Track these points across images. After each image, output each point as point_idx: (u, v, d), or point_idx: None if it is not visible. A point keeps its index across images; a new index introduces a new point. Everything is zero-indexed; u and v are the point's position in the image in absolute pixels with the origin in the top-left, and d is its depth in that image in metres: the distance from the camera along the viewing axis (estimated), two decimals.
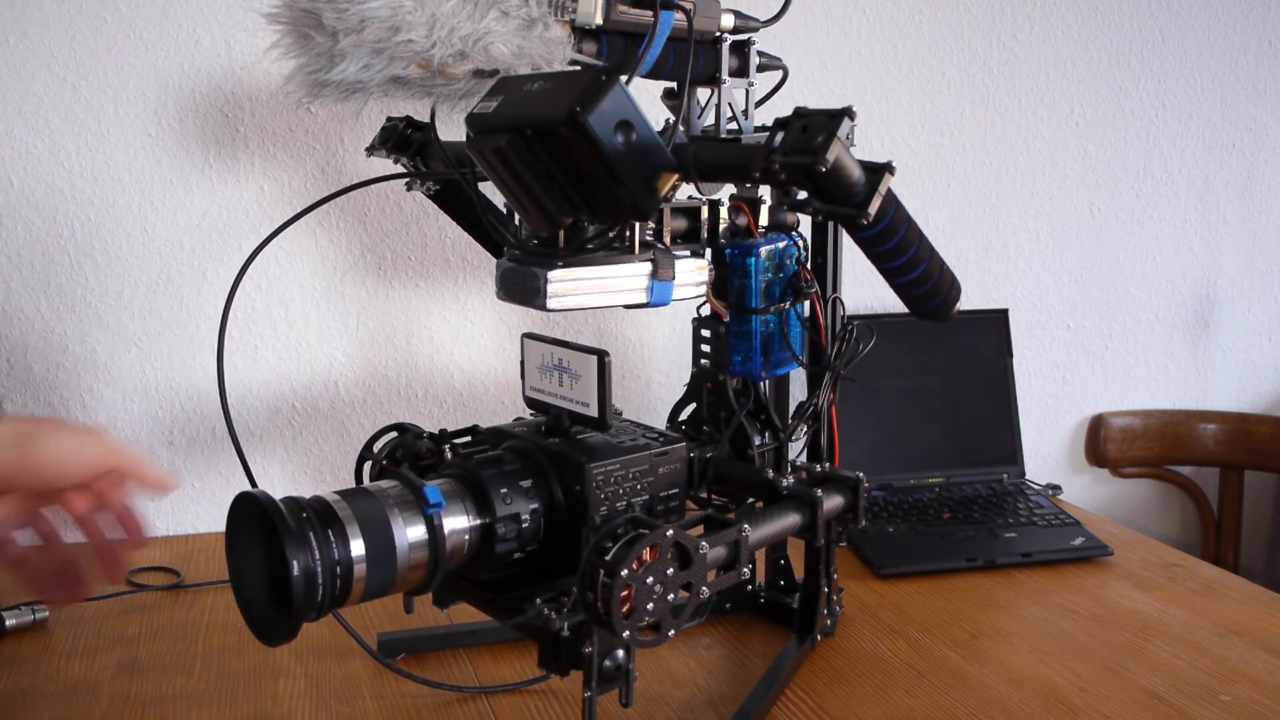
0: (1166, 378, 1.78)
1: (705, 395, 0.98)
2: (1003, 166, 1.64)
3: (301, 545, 0.69)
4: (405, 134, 1.05)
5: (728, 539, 0.80)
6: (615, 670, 0.78)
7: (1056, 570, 1.25)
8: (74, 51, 1.27)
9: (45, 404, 1.32)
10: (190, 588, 1.21)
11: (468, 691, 0.98)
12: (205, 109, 1.32)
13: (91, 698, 0.97)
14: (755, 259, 0.92)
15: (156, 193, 1.32)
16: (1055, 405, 1.72)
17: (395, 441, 0.88)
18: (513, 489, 0.79)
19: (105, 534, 0.77)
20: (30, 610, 1.10)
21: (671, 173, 0.76)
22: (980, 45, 1.58)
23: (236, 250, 1.34)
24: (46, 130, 1.28)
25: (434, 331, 1.43)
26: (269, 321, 1.37)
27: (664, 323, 1.51)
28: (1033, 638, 1.09)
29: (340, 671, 1.02)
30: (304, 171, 1.36)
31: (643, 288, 0.84)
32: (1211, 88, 1.71)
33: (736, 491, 0.94)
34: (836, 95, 1.53)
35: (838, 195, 0.76)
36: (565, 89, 0.70)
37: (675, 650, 1.05)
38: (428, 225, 1.40)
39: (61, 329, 1.32)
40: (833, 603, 1.07)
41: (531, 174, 0.73)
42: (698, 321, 0.98)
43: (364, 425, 1.41)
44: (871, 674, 1.02)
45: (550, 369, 0.85)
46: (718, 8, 0.90)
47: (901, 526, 1.34)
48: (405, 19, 0.75)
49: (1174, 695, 0.98)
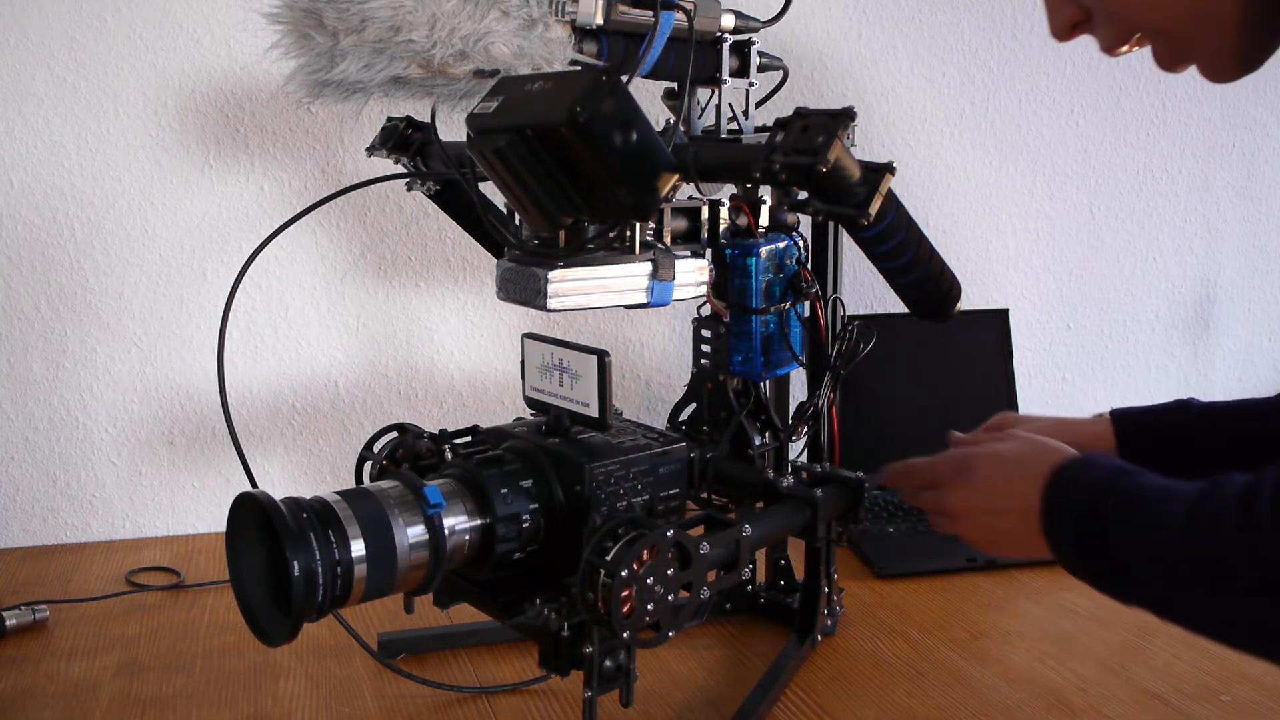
0: (1166, 378, 1.78)
1: (705, 395, 0.98)
2: (1003, 166, 1.64)
3: (302, 545, 0.69)
4: (405, 134, 1.05)
5: (728, 539, 0.80)
6: (615, 670, 0.78)
7: (1056, 570, 1.23)
8: (74, 51, 1.27)
9: (45, 404, 1.32)
10: (190, 588, 1.21)
11: (468, 691, 0.98)
12: (205, 109, 1.32)
13: (91, 698, 0.97)
14: (755, 259, 0.92)
15: (156, 193, 1.32)
16: (1055, 405, 1.72)
17: (395, 442, 0.88)
18: (513, 489, 0.78)
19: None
20: (30, 610, 1.10)
21: (672, 173, 0.76)
22: (980, 45, 1.58)
23: (236, 250, 1.34)
24: (46, 130, 1.28)
25: (434, 331, 1.43)
26: (269, 321, 1.37)
27: (664, 323, 1.51)
28: (1033, 638, 1.09)
29: (340, 671, 1.02)
30: (304, 171, 1.36)
31: (643, 288, 0.84)
32: (1211, 88, 1.71)
33: (736, 491, 0.94)
34: (836, 95, 1.53)
35: (838, 195, 0.76)
36: (565, 89, 0.70)
37: (675, 650, 1.05)
38: (428, 225, 1.40)
39: (61, 329, 1.32)
40: (833, 603, 1.07)
41: (532, 174, 0.73)
42: (698, 321, 0.98)
43: (364, 425, 1.41)
44: (871, 674, 1.02)
45: (550, 369, 0.85)
46: (718, 8, 0.90)
47: (901, 526, 1.34)
48: (406, 19, 0.75)
49: (1174, 695, 0.98)
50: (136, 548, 1.33)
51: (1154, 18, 0.71)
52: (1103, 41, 0.76)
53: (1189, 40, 0.71)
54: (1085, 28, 0.76)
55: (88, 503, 1.35)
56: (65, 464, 1.34)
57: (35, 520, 1.34)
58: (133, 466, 1.36)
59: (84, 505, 1.35)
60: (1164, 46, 0.73)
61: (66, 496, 1.35)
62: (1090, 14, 0.74)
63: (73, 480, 1.35)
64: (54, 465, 1.34)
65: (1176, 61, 0.73)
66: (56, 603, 1.14)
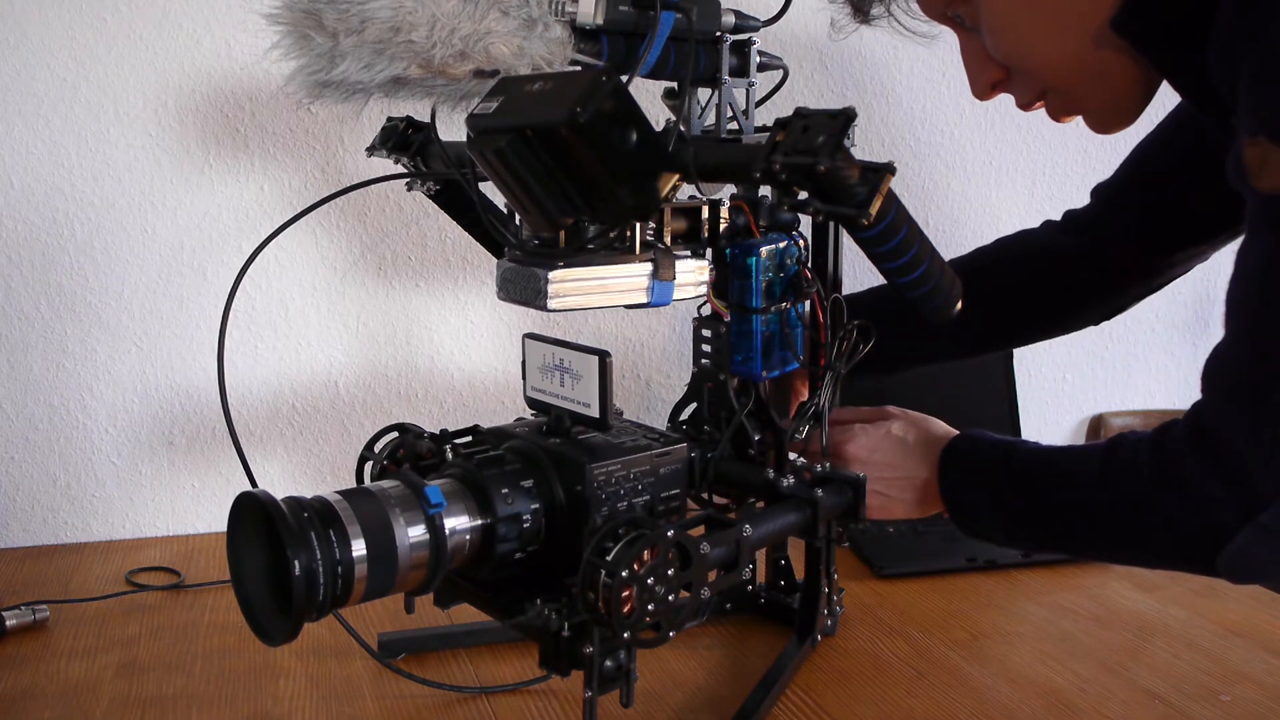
0: (1166, 378, 1.78)
1: (705, 395, 0.98)
2: (1003, 166, 1.64)
3: (303, 545, 0.69)
4: (405, 134, 1.05)
5: (728, 539, 0.80)
6: (616, 670, 0.78)
7: (1056, 570, 1.25)
8: (74, 51, 1.27)
9: (45, 404, 1.32)
10: (190, 588, 1.21)
11: (468, 692, 0.98)
12: (205, 109, 1.32)
13: (91, 698, 0.97)
14: (756, 259, 0.92)
15: (156, 193, 1.32)
16: (1055, 405, 1.72)
17: (396, 441, 0.88)
18: (514, 489, 0.79)
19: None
20: (30, 610, 1.10)
21: (672, 173, 0.76)
22: None
23: (236, 250, 1.34)
24: (46, 130, 1.28)
25: (434, 331, 1.43)
26: (269, 321, 1.37)
27: (664, 323, 1.51)
28: (1033, 638, 1.09)
29: (340, 671, 1.02)
30: (304, 171, 1.36)
31: (643, 288, 0.84)
32: None
33: (737, 491, 0.94)
34: (836, 95, 1.53)
35: (838, 196, 0.76)
36: (566, 89, 0.70)
37: (675, 650, 1.05)
38: (428, 225, 1.40)
39: (61, 329, 1.32)
40: (833, 603, 1.07)
41: (532, 174, 0.73)
42: (698, 321, 0.98)
43: (364, 425, 1.41)
44: (871, 674, 1.02)
45: (551, 369, 0.85)
46: (718, 7, 0.90)
47: (901, 526, 1.34)
48: (406, 19, 0.75)
49: (1174, 695, 0.98)
50: (136, 548, 1.33)
51: (1058, 76, 0.87)
52: (1019, 98, 0.91)
53: (1083, 98, 0.89)
54: (1004, 86, 0.91)
55: (88, 503, 1.35)
56: (65, 464, 1.34)
57: (35, 520, 1.34)
58: (133, 466, 1.36)
59: (84, 505, 1.35)
60: (1060, 101, 0.89)
61: (66, 496, 1.35)
62: (1008, 73, 0.89)
63: (73, 480, 1.35)
64: (54, 465, 1.34)
65: (1066, 113, 0.90)
66: (56, 603, 1.14)
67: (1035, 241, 1.19)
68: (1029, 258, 1.18)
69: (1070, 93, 0.88)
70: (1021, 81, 0.90)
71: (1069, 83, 0.87)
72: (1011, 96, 0.92)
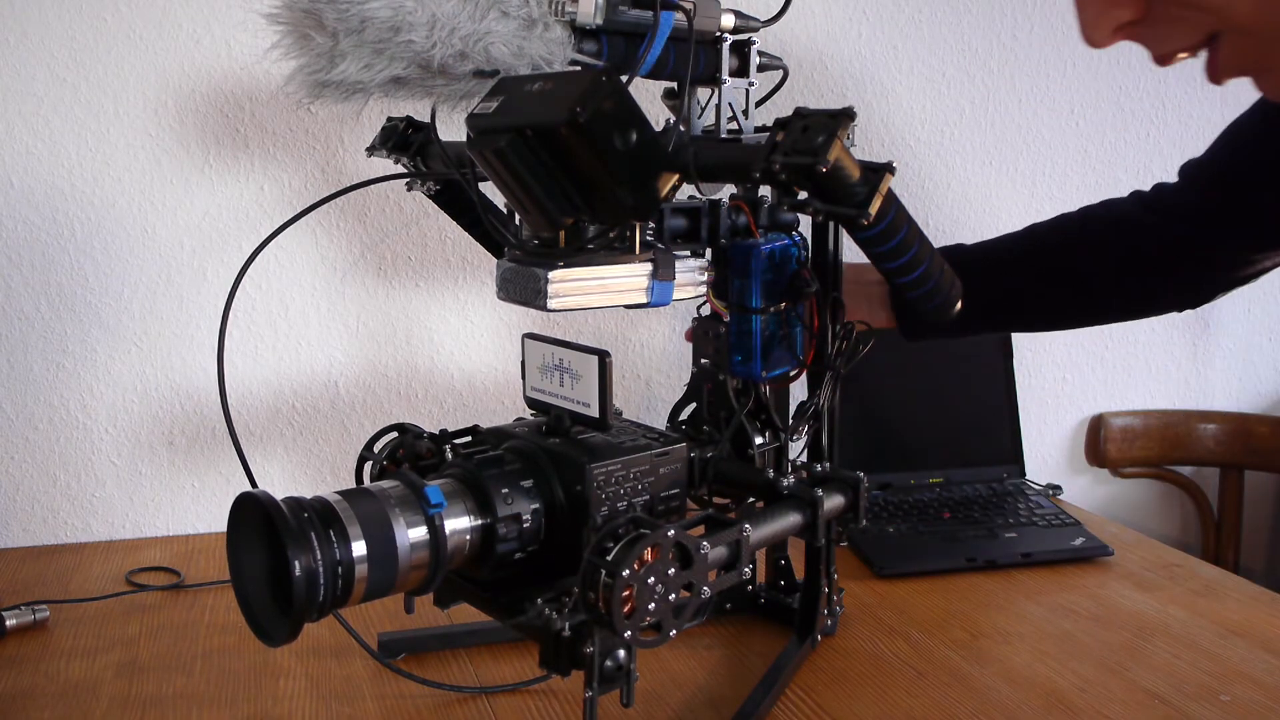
0: (1166, 378, 1.78)
1: (705, 395, 0.98)
2: (1003, 166, 1.64)
3: (303, 545, 0.69)
4: (405, 134, 1.05)
5: (728, 539, 0.80)
6: (616, 670, 0.78)
7: (1056, 570, 1.25)
8: (74, 51, 1.27)
9: (45, 404, 1.32)
10: (190, 588, 1.21)
11: (468, 691, 0.98)
12: (205, 109, 1.32)
13: (91, 698, 0.97)
14: (755, 259, 0.92)
15: (156, 193, 1.32)
16: (1055, 405, 1.72)
17: (396, 442, 0.88)
18: (514, 489, 0.79)
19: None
20: (30, 610, 1.10)
21: (672, 173, 0.76)
22: (980, 45, 1.58)
23: (236, 250, 1.34)
24: (46, 130, 1.28)
25: (434, 331, 1.43)
26: (269, 321, 1.37)
27: (664, 323, 1.51)
28: (1033, 638, 1.09)
29: (340, 671, 1.02)
30: (304, 171, 1.36)
31: (643, 288, 0.84)
32: (1211, 88, 1.71)
33: (737, 491, 0.94)
34: (836, 95, 1.53)
35: (838, 195, 0.76)
36: (565, 89, 0.70)
37: (676, 650, 1.05)
38: (428, 225, 1.40)
39: (61, 329, 1.32)
40: (833, 603, 1.07)
41: (532, 174, 0.73)
42: (698, 321, 0.98)
43: (364, 425, 1.41)
44: (871, 674, 1.02)
45: (551, 369, 0.85)
46: (718, 8, 0.90)
47: (901, 526, 1.34)
48: (406, 19, 0.75)
49: (1174, 695, 0.98)
50: (136, 548, 1.33)
51: (1251, 12, 0.60)
52: (1163, 44, 0.66)
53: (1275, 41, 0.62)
54: (1132, 30, 0.65)
55: (88, 503, 1.35)
56: (65, 464, 1.34)
57: (35, 520, 1.34)
58: (133, 466, 1.36)
59: (84, 505, 1.35)
60: (1238, 49, 0.63)
61: (66, 496, 1.35)
62: (1147, 13, 0.63)
63: (73, 480, 1.35)
64: (54, 465, 1.34)
65: (1238, 69, 0.65)
66: (56, 603, 1.14)
67: (1134, 224, 1.17)
68: (1128, 243, 1.17)
69: (1262, 35, 0.61)
70: (1178, 19, 0.63)
71: (1265, 21, 0.60)
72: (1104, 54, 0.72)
